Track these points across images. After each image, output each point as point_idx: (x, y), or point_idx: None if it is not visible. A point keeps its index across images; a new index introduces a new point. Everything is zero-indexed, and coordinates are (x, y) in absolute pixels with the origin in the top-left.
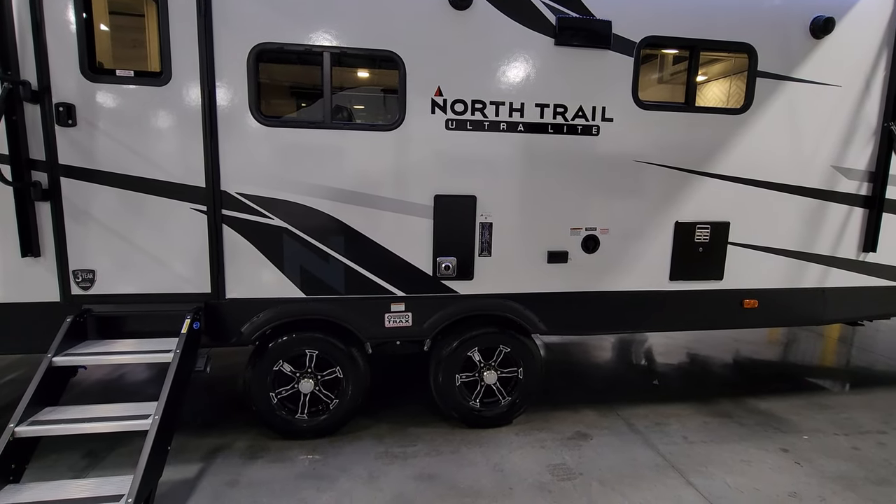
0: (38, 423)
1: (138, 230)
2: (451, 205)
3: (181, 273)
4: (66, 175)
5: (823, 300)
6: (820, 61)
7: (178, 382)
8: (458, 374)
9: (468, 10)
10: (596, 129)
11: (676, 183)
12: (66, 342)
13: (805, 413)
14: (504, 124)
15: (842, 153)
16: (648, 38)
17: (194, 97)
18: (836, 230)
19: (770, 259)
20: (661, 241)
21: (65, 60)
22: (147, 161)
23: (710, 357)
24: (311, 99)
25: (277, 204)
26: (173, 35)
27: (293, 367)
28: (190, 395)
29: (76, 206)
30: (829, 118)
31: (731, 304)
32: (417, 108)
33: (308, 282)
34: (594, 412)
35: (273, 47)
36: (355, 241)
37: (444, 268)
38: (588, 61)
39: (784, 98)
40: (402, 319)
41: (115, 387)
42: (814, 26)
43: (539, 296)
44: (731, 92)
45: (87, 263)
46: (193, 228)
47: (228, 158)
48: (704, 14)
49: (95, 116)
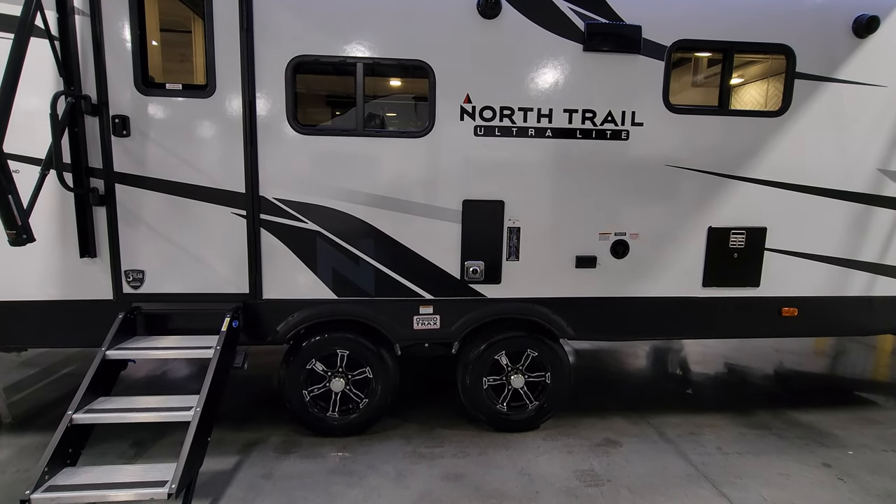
0: (93, 412)
1: (183, 233)
2: (479, 209)
3: (222, 274)
4: (121, 182)
5: (870, 309)
6: (864, 61)
7: (218, 377)
8: (485, 378)
9: (497, 18)
10: (626, 133)
11: (710, 187)
12: (118, 337)
13: (851, 427)
14: (532, 130)
15: (889, 156)
16: (680, 41)
17: (236, 108)
18: (883, 236)
19: (811, 266)
20: (694, 247)
21: (121, 76)
22: (192, 168)
23: (748, 367)
24: (344, 107)
25: (312, 209)
26: (217, 50)
27: (325, 367)
28: (227, 391)
29: (128, 211)
30: (874, 119)
31: (768, 312)
32: (447, 114)
33: (340, 284)
34: (624, 419)
35: (310, 59)
36: (386, 244)
37: (472, 272)
38: (617, 66)
39: (825, 99)
40: (431, 322)
41: (159, 382)
42: (857, 25)
43: (567, 300)
44: (768, 94)
45: (137, 264)
46: (233, 232)
47: (267, 165)
48: (738, 15)
49: (147, 127)
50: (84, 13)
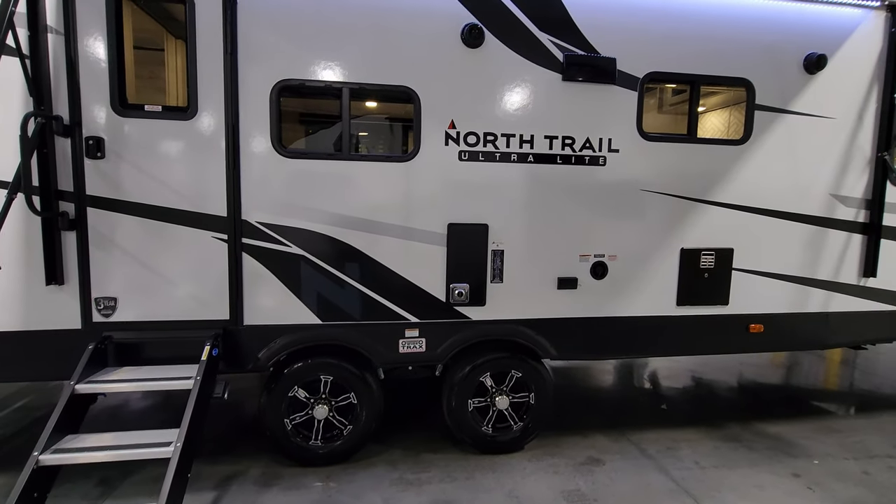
0: (62, 451)
1: (160, 258)
2: (464, 233)
3: (200, 300)
4: (93, 205)
5: (827, 324)
6: (814, 95)
7: (199, 409)
8: (470, 400)
9: (480, 48)
10: (603, 159)
11: (681, 211)
12: (88, 369)
13: (815, 437)
14: (515, 155)
15: (839, 182)
16: (651, 73)
17: (219, 131)
18: (837, 256)
19: (774, 284)
20: (668, 267)
21: (96, 96)
22: (171, 191)
23: (715, 380)
24: (330, 131)
25: (296, 232)
26: (200, 72)
27: (308, 394)
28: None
29: (101, 235)
30: (825, 149)
31: (737, 329)
32: (432, 139)
33: (324, 308)
34: (605, 437)
35: (295, 83)
36: (371, 268)
37: (457, 294)
38: (594, 95)
39: (782, 129)
40: (417, 345)
41: (122, 413)
42: (807, 62)
43: (550, 321)
44: (731, 122)
45: (109, 291)
46: (213, 256)
47: (250, 189)
48: (703, 51)
49: (123, 149)
50: (58, 32)
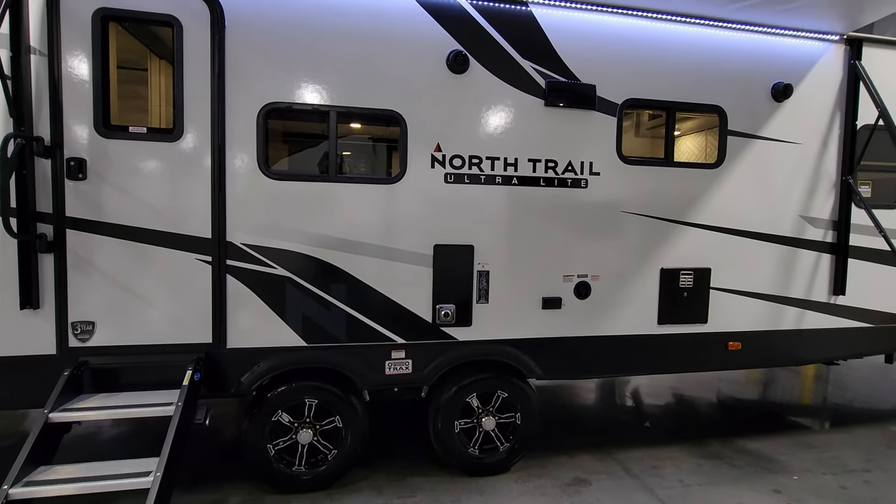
0: (34, 484)
1: (141, 281)
2: (449, 254)
3: (182, 323)
4: (73, 227)
5: (801, 341)
6: (782, 122)
7: (179, 437)
8: (457, 421)
9: (465, 74)
10: (584, 182)
11: (660, 232)
12: (62, 397)
13: (792, 453)
14: (499, 178)
15: (807, 204)
16: (629, 100)
17: (204, 153)
18: (808, 275)
19: (750, 303)
20: (649, 287)
21: (79, 118)
22: (154, 213)
23: (695, 397)
24: (317, 153)
25: (282, 254)
26: (187, 94)
27: (292, 418)
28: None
29: (80, 258)
30: (793, 172)
31: (716, 347)
32: (418, 162)
33: (310, 330)
34: (590, 456)
35: (282, 106)
36: (357, 289)
37: (443, 315)
38: (575, 120)
39: (753, 154)
40: (403, 366)
41: (98, 441)
42: (775, 91)
43: (535, 341)
44: (706, 147)
45: (86, 315)
46: (197, 278)
47: (235, 210)
48: (678, 79)
49: (106, 170)
50: (41, 53)
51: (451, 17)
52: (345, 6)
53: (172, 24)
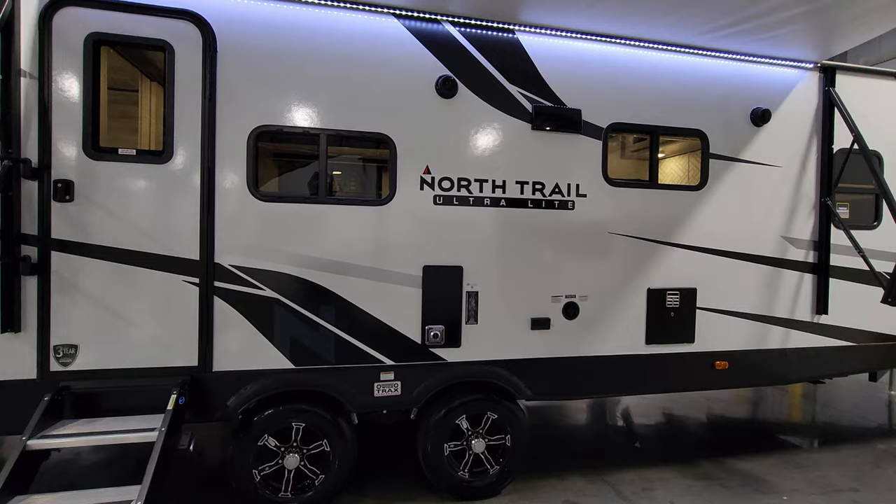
0: None
1: (127, 303)
2: (438, 275)
3: (168, 346)
4: (58, 249)
5: (787, 360)
6: (762, 145)
7: (162, 463)
8: (446, 444)
9: (453, 98)
10: (571, 203)
11: (646, 252)
12: (42, 423)
13: (781, 473)
14: (487, 199)
15: (788, 225)
16: (614, 124)
17: (194, 175)
18: (791, 295)
19: (736, 322)
20: (636, 307)
21: (68, 140)
22: (142, 235)
23: (685, 416)
24: (307, 175)
25: (270, 275)
26: (177, 117)
27: (278, 442)
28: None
29: (65, 280)
30: (774, 194)
31: (703, 366)
32: (407, 184)
33: (298, 352)
34: (581, 478)
35: (273, 129)
36: (346, 310)
37: (432, 336)
38: (562, 143)
39: (734, 176)
40: (392, 388)
41: (77, 468)
42: (754, 116)
43: (524, 362)
44: (689, 169)
45: (69, 338)
46: (184, 300)
47: (224, 232)
48: (661, 104)
49: (94, 192)
50: (31, 76)
51: (440, 43)
52: (336, 31)
53: (164, 49)
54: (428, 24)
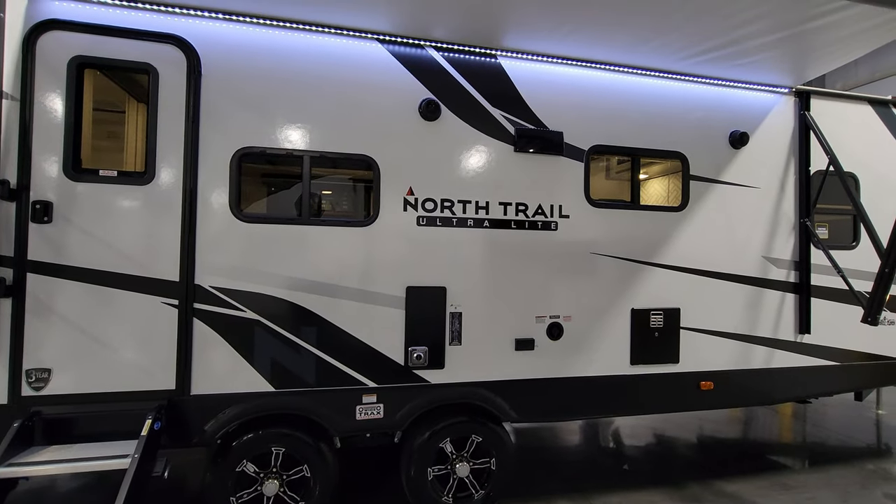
0: None
1: (103, 326)
2: (422, 295)
3: (145, 369)
4: (34, 271)
5: (771, 380)
6: (740, 167)
7: (135, 491)
8: (430, 468)
9: (437, 121)
10: (554, 224)
11: (630, 272)
12: (11, 450)
13: (770, 494)
14: (471, 220)
15: (770, 245)
16: (595, 146)
17: (176, 196)
18: (774, 314)
19: (720, 342)
20: (621, 327)
21: (48, 161)
22: (121, 256)
23: (674, 437)
24: (290, 196)
25: (251, 297)
26: (160, 139)
27: (257, 468)
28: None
29: (40, 302)
30: (754, 215)
31: (689, 387)
32: (390, 205)
33: (278, 374)
34: (568, 502)
35: (256, 150)
36: (328, 332)
37: (416, 357)
38: (544, 165)
39: (714, 197)
40: (374, 411)
41: (48, 496)
42: (732, 139)
43: (508, 383)
44: (670, 190)
45: (43, 362)
46: (162, 323)
47: (205, 253)
48: (642, 127)
49: (73, 213)
50: (13, 98)
51: (424, 67)
52: (320, 55)
53: (149, 72)
54: (412, 49)
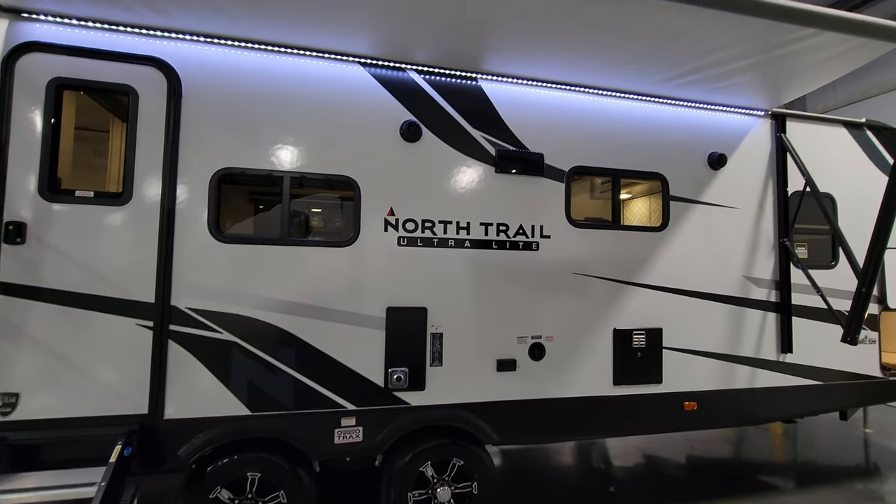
0: None
1: (75, 349)
2: (402, 316)
3: (116, 392)
4: (5, 293)
5: (755, 400)
6: (720, 188)
7: None
8: (409, 493)
9: (418, 142)
10: (536, 244)
11: (611, 292)
12: None
13: None
14: (452, 241)
15: (750, 265)
16: (576, 167)
17: (153, 217)
18: (756, 334)
19: (702, 362)
20: (603, 348)
21: (23, 181)
22: (96, 277)
23: (664, 458)
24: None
25: (228, 318)
26: (138, 160)
27: (232, 494)
28: None
29: (9, 325)
30: (734, 235)
31: (672, 407)
32: (371, 226)
33: (255, 397)
34: None
35: (236, 171)
36: (306, 353)
37: (395, 379)
38: (525, 186)
39: (694, 218)
40: (353, 434)
41: None
42: (710, 160)
43: (490, 405)
44: (651, 210)
45: (11, 386)
46: (136, 345)
47: (182, 274)
48: (622, 148)
49: (47, 234)
50: None
51: (404, 90)
52: (301, 78)
53: (128, 93)
54: (393, 72)
